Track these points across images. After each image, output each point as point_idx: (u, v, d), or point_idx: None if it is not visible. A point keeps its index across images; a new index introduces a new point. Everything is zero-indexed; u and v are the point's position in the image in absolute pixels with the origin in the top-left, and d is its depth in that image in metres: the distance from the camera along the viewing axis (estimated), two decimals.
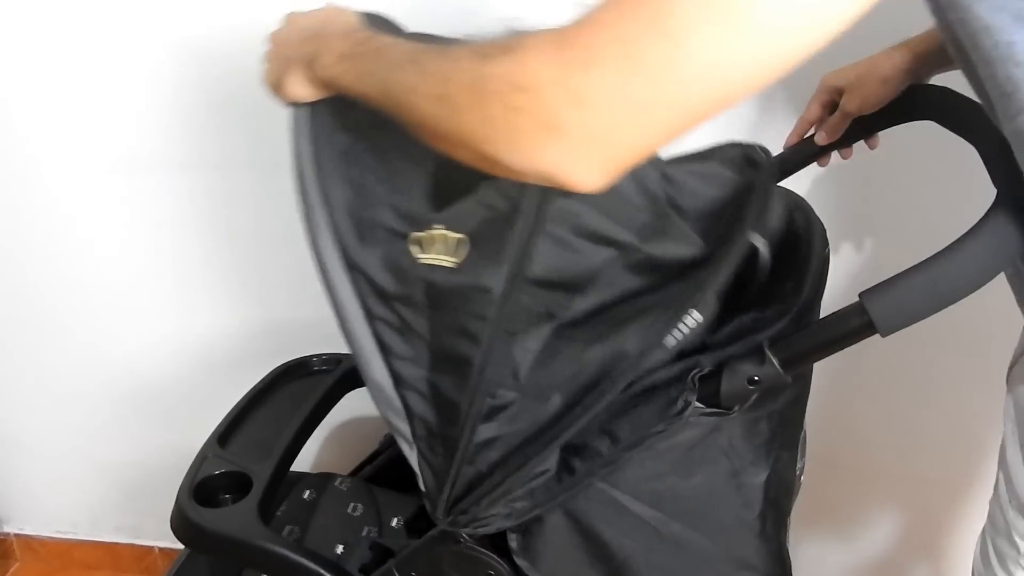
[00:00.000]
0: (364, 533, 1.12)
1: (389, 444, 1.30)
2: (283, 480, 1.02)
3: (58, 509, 1.77)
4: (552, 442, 0.69)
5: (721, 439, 0.71)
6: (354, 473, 1.29)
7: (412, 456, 0.76)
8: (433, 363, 0.72)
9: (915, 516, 1.39)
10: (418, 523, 1.09)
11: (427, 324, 0.71)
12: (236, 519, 0.93)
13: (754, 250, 0.72)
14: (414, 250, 0.70)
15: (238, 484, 0.99)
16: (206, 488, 0.99)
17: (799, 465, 0.82)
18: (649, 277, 0.70)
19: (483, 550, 0.78)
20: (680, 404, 0.67)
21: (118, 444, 1.65)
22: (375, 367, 0.73)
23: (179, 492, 0.97)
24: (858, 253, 1.19)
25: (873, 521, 1.42)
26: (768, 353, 0.65)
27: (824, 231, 0.80)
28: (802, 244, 0.78)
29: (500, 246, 0.67)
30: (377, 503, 1.19)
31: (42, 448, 1.69)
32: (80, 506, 1.75)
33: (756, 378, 0.65)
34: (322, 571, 0.88)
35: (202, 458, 1.03)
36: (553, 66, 0.46)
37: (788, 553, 0.81)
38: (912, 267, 0.61)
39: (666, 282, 0.70)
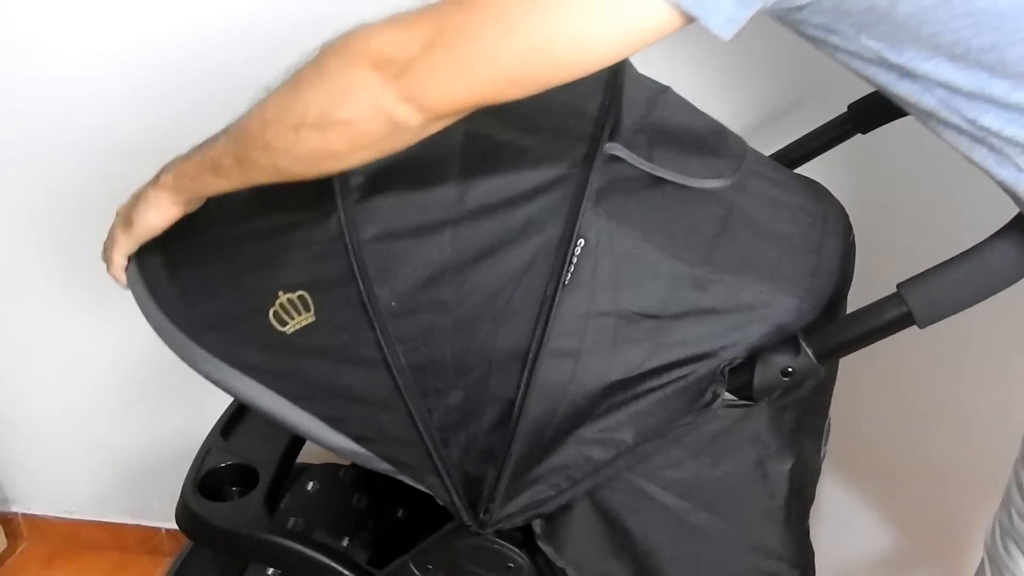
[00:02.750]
0: (370, 525, 1.11)
1: None
2: (289, 472, 1.00)
3: (64, 490, 1.76)
4: (578, 435, 0.68)
5: (748, 428, 0.70)
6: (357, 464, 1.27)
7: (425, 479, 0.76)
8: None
9: (926, 511, 1.40)
10: (424, 514, 1.08)
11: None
12: (243, 514, 0.91)
13: None
14: (277, 326, 0.71)
15: (243, 476, 0.97)
16: (212, 481, 0.97)
17: (822, 453, 0.82)
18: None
19: (503, 542, 0.77)
20: (708, 396, 0.66)
21: (124, 426, 1.64)
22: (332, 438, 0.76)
23: (184, 486, 0.95)
24: (881, 243, 1.18)
25: (884, 516, 1.43)
26: (803, 344, 0.63)
27: (848, 219, 0.79)
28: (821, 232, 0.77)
29: (339, 273, 0.69)
30: (381, 494, 1.18)
31: (49, 429, 1.68)
32: (86, 487, 1.74)
33: (790, 369, 0.63)
34: (335, 565, 0.87)
35: (206, 451, 1.01)
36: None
37: (811, 541, 0.81)
38: (952, 258, 0.59)
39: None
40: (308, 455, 1.10)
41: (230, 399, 1.05)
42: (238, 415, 1.06)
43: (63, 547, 1.80)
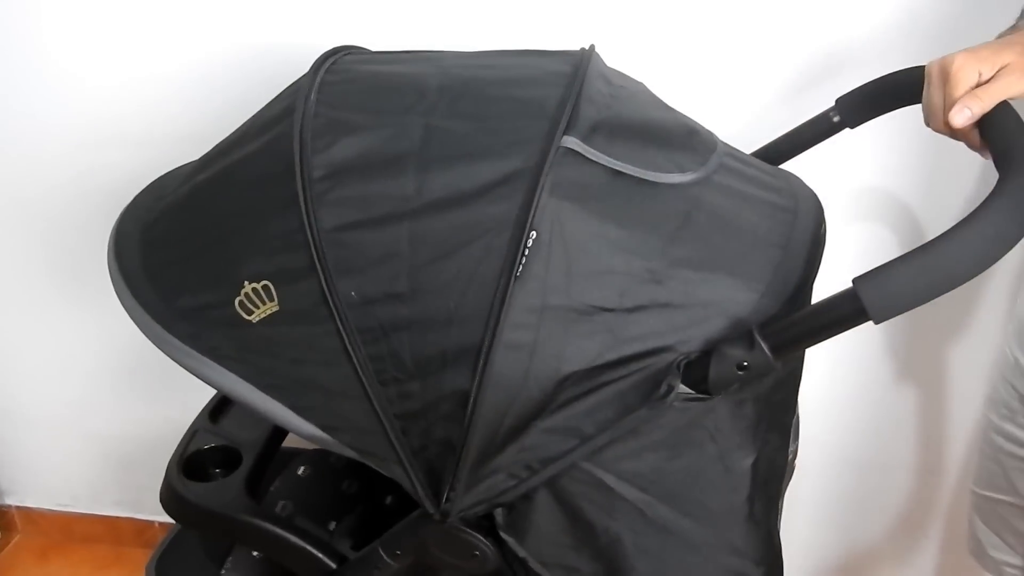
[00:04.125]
0: (357, 511, 1.12)
1: None
2: (274, 455, 1.02)
3: (59, 483, 1.78)
4: (535, 426, 0.69)
5: (707, 422, 0.70)
6: None
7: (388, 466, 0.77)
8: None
9: (913, 506, 1.39)
10: (412, 501, 1.09)
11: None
12: (224, 494, 0.93)
13: None
14: (244, 315, 0.73)
15: (229, 459, 0.99)
16: (197, 462, 0.99)
17: (791, 449, 0.81)
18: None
19: (468, 530, 0.77)
20: (664, 389, 0.66)
21: (118, 419, 1.65)
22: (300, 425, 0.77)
23: (168, 466, 0.97)
24: (856, 240, 1.18)
25: (870, 510, 1.42)
26: (758, 338, 0.63)
27: (821, 211, 0.79)
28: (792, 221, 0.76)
29: (301, 263, 0.70)
30: (371, 481, 1.19)
31: (44, 422, 1.70)
32: (81, 480, 1.76)
33: (745, 363, 0.64)
34: (309, 548, 0.88)
35: (192, 432, 1.03)
36: None
37: (779, 538, 0.80)
38: (908, 253, 0.59)
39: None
40: (301, 440, 1.12)
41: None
42: (228, 399, 1.07)
43: (58, 540, 1.81)
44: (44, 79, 1.33)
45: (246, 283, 0.73)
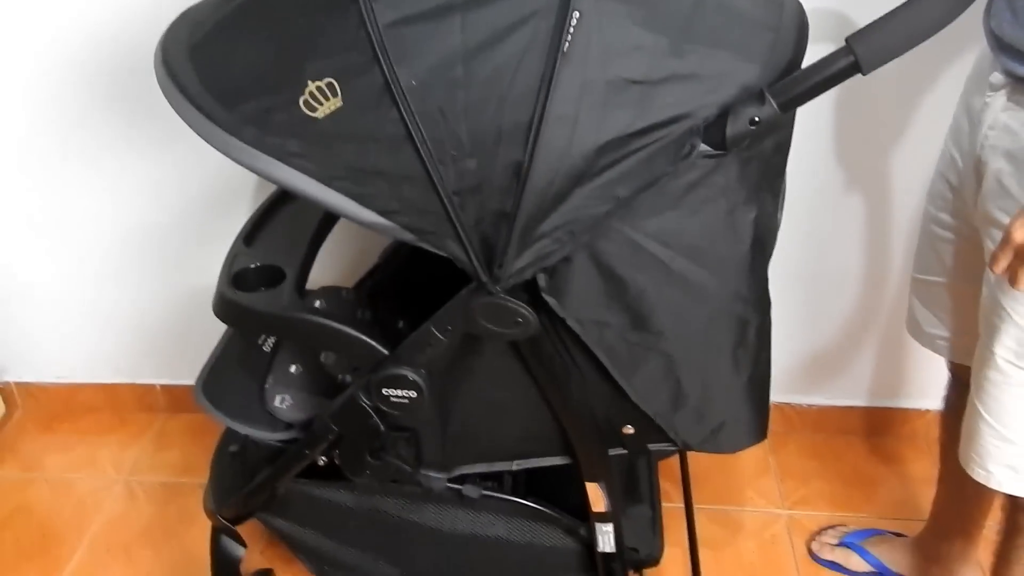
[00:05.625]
0: (376, 334, 1.22)
1: (389, 258, 1.39)
2: (311, 268, 1.11)
3: (56, 355, 1.81)
4: (577, 192, 0.80)
5: (719, 180, 0.83)
6: (357, 287, 1.38)
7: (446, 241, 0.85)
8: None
9: (859, 305, 1.57)
10: (423, 317, 1.20)
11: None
12: (278, 299, 1.02)
13: None
14: (308, 113, 0.80)
15: (268, 277, 1.07)
16: (241, 280, 1.06)
17: (779, 214, 0.96)
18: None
19: (512, 299, 0.88)
20: (687, 148, 0.79)
21: (113, 289, 1.69)
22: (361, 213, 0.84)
23: (218, 284, 1.04)
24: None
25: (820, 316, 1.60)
26: (767, 96, 0.76)
27: (801, 5, 0.91)
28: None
29: (363, 58, 0.77)
30: (382, 311, 1.29)
31: (37, 296, 1.72)
32: (78, 351, 1.80)
33: (757, 118, 0.77)
34: (365, 337, 0.99)
35: (233, 256, 1.10)
36: None
37: (770, 293, 0.96)
38: (887, 13, 0.73)
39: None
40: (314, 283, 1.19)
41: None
42: (258, 226, 1.16)
43: (59, 411, 1.86)
44: None
45: (309, 82, 0.79)
